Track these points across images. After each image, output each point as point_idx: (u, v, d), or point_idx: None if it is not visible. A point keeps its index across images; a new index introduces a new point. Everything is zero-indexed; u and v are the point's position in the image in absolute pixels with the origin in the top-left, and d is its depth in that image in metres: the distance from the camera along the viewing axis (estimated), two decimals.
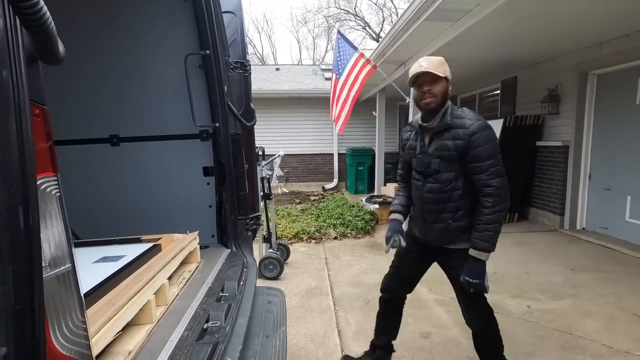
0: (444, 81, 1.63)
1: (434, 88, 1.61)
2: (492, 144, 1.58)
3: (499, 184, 1.57)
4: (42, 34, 0.40)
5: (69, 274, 0.50)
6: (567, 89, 4.97)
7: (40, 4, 0.39)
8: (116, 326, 0.99)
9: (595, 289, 3.14)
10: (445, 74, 1.63)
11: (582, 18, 3.55)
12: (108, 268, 1.26)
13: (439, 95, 1.62)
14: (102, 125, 2.11)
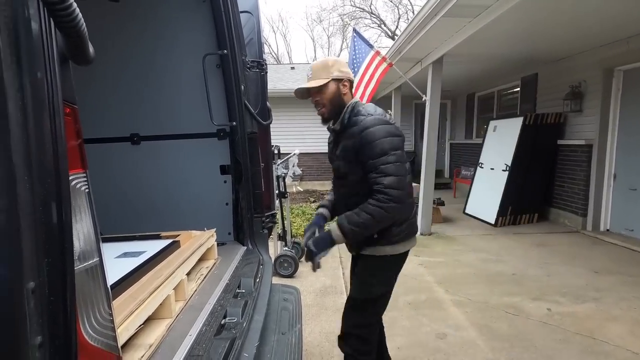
0: (332, 83, 1.51)
1: (321, 97, 1.53)
2: (386, 140, 1.41)
3: (390, 183, 1.38)
4: (75, 36, 0.42)
5: (97, 268, 0.51)
6: (591, 85, 4.81)
7: (74, 6, 0.40)
8: (138, 320, 1.01)
9: (620, 293, 3.03)
10: (330, 76, 1.51)
11: (609, 13, 3.42)
12: (129, 263, 1.29)
13: (327, 102, 1.53)
14: (123, 124, 2.17)
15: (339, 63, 1.55)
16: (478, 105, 8.33)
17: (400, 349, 2.30)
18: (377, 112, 1.50)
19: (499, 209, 5.25)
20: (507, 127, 5.59)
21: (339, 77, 1.52)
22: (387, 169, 1.39)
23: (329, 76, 1.51)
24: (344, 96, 1.55)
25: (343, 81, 1.53)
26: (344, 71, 1.54)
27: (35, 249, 0.38)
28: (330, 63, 1.53)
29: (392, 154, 1.40)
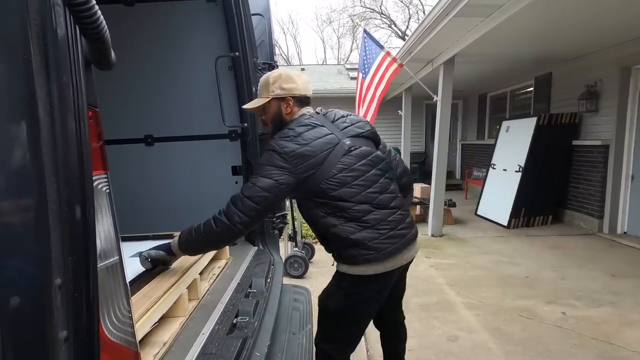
0: (273, 103, 1.42)
1: (265, 116, 1.47)
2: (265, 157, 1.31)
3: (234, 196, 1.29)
4: (99, 42, 0.44)
5: (117, 266, 0.53)
6: (607, 84, 4.70)
7: (98, 14, 0.42)
8: (153, 317, 1.03)
9: (638, 297, 2.96)
10: (270, 95, 1.41)
11: (624, 9, 3.35)
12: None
13: (269, 121, 1.45)
14: (137, 125, 2.21)
15: (283, 79, 1.42)
16: (490, 105, 8.22)
17: (411, 351, 2.28)
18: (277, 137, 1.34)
19: (511, 211, 5.17)
20: (520, 128, 5.51)
21: (280, 96, 1.40)
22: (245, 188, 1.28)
23: (269, 95, 1.41)
24: (287, 115, 1.42)
25: (286, 99, 1.41)
26: (288, 87, 1.41)
27: (61, 247, 0.40)
28: (271, 80, 1.42)
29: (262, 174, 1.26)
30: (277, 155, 1.27)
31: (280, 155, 1.26)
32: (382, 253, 1.31)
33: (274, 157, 1.27)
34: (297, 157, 1.27)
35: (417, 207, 5.78)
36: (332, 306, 1.44)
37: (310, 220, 1.40)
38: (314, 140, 1.30)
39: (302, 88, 1.44)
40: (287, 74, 1.45)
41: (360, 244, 1.30)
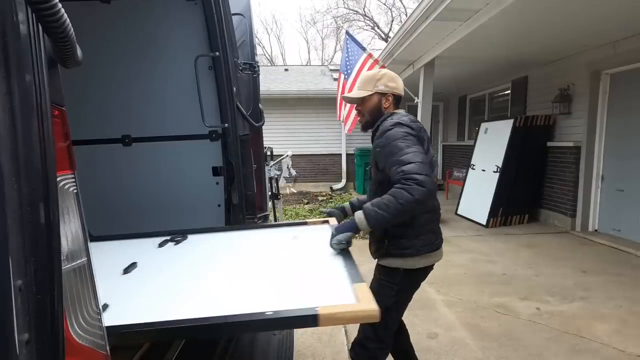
0: (375, 96, 1.58)
1: (363, 107, 1.62)
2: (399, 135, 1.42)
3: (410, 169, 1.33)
4: (62, 39, 0.43)
5: (85, 267, 0.52)
6: (579, 88, 4.90)
7: (61, 11, 0.41)
8: None
9: (607, 292, 3.09)
10: (375, 89, 1.57)
11: (595, 17, 3.50)
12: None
13: (367, 113, 1.61)
14: (114, 125, 2.16)
15: (387, 77, 1.59)
16: (470, 107, 8.43)
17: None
18: (395, 117, 1.50)
19: (490, 210, 5.31)
20: (498, 129, 5.67)
21: (383, 91, 1.57)
22: (405, 158, 1.34)
23: (373, 89, 1.57)
24: (385, 109, 1.59)
25: (387, 95, 1.57)
26: (391, 86, 1.58)
27: (22, 247, 0.39)
28: (377, 77, 1.58)
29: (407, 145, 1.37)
30: (406, 128, 1.43)
31: (407, 127, 1.44)
32: (436, 245, 1.54)
33: (404, 132, 1.42)
34: (418, 131, 1.47)
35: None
36: (383, 304, 1.46)
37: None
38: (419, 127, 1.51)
39: (401, 89, 1.61)
40: (392, 74, 1.61)
41: (430, 234, 1.50)
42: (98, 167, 2.15)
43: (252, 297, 0.97)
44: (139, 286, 1.11)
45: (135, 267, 1.27)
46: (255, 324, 0.86)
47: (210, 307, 0.91)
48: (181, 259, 1.39)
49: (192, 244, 1.62)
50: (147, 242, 1.63)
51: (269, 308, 0.86)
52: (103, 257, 1.39)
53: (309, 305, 0.86)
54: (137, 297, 0.98)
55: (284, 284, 1.06)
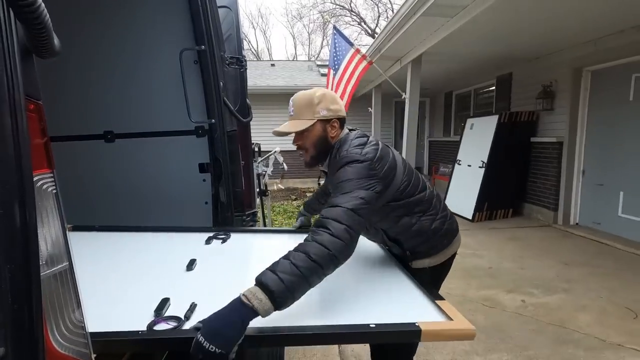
0: (318, 125, 1.27)
1: (303, 141, 1.31)
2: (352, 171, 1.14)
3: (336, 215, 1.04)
4: (38, 27, 0.39)
5: (67, 272, 0.49)
6: (561, 85, 5.00)
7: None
8: None
9: (588, 284, 3.18)
10: (316, 116, 1.26)
11: (577, 14, 3.57)
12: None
13: (311, 146, 1.30)
14: (96, 121, 2.09)
15: (327, 99, 1.28)
16: (456, 103, 8.52)
17: None
18: (351, 150, 1.19)
19: (476, 205, 5.40)
20: (483, 125, 5.75)
21: (326, 117, 1.27)
22: (339, 199, 1.07)
23: (314, 117, 1.26)
24: (332, 139, 1.30)
25: (332, 121, 1.28)
26: (333, 109, 1.28)
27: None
28: (316, 100, 1.26)
29: (356, 187, 1.10)
30: (362, 164, 1.14)
31: (365, 162, 1.14)
32: (454, 233, 1.44)
33: (360, 168, 1.13)
34: (379, 160, 1.18)
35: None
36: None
37: (385, 227, 1.35)
38: (380, 145, 1.24)
39: (344, 109, 1.34)
40: (331, 95, 1.32)
41: (438, 231, 1.35)
42: (79, 165, 2.07)
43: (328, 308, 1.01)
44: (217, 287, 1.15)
45: (195, 264, 1.29)
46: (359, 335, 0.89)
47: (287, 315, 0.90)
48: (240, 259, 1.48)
49: (238, 241, 1.67)
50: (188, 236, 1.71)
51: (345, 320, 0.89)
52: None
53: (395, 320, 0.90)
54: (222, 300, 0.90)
55: (350, 295, 1.10)
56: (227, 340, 0.77)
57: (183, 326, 0.85)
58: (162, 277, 1.21)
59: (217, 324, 0.80)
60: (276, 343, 0.94)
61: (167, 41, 1.98)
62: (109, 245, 1.58)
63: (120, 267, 1.31)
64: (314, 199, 1.85)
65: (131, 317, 0.90)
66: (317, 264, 0.91)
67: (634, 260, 3.71)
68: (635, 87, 4.20)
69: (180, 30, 1.97)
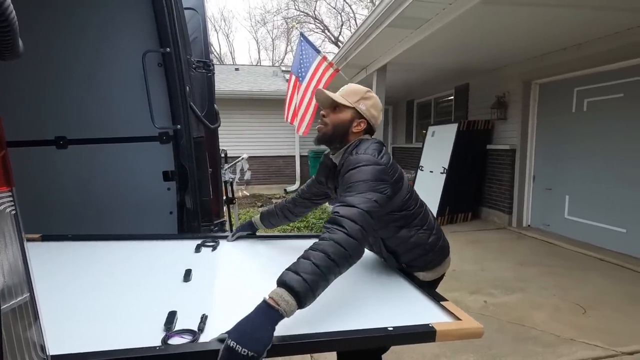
0: (350, 111, 1.32)
1: (330, 116, 1.35)
2: (366, 171, 1.16)
3: (348, 214, 1.05)
4: (4, 29, 0.34)
5: (28, 305, 0.42)
6: (513, 96, 5.36)
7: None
8: None
9: (541, 283, 3.40)
10: (355, 105, 1.32)
11: (526, 33, 3.85)
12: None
13: (332, 124, 1.34)
14: (46, 125, 1.92)
15: (373, 102, 1.36)
16: (417, 111, 8.84)
17: None
18: (368, 150, 1.23)
19: (438, 209, 5.60)
20: (444, 133, 6.00)
21: (361, 112, 1.33)
22: (353, 199, 1.08)
23: (353, 104, 1.32)
24: (352, 134, 1.34)
25: (362, 120, 1.33)
26: (372, 113, 1.35)
27: None
28: (363, 94, 1.34)
29: (370, 189, 1.11)
30: (378, 166, 1.17)
31: (380, 165, 1.18)
32: (447, 251, 1.47)
33: (376, 170, 1.16)
34: (392, 166, 1.23)
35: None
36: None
37: (384, 236, 1.35)
38: (392, 162, 1.28)
39: (378, 123, 1.41)
40: (379, 104, 1.40)
41: (434, 246, 1.38)
42: (27, 173, 1.89)
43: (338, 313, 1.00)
44: (222, 297, 1.16)
45: (192, 275, 1.25)
46: (379, 339, 0.90)
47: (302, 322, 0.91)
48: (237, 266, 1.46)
49: (227, 249, 1.65)
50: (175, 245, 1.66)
51: (359, 325, 0.90)
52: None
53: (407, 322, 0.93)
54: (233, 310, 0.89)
55: (357, 301, 1.10)
56: (260, 343, 0.77)
57: (199, 339, 0.83)
58: (159, 289, 1.15)
59: (247, 328, 0.80)
60: (301, 350, 0.91)
61: (130, 42, 1.87)
62: (89, 255, 1.45)
63: (110, 279, 1.22)
64: (276, 210, 1.71)
65: (139, 333, 0.85)
66: (335, 263, 0.94)
67: (580, 259, 4.03)
68: (577, 99, 4.60)
69: (143, 31, 1.87)
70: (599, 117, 4.31)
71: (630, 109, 3.94)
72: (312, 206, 1.72)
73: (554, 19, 3.42)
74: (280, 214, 1.71)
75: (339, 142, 1.35)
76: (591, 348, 2.34)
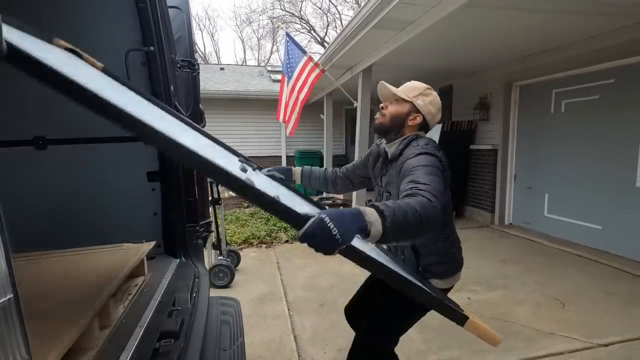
0: (407, 105, 1.42)
1: (389, 107, 1.45)
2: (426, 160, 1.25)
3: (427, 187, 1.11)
4: None
5: (11, 306, 0.42)
6: (495, 97, 5.49)
7: None
8: (52, 355, 0.86)
9: (522, 279, 3.49)
10: (413, 100, 1.41)
11: (506, 35, 3.95)
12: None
13: (389, 116, 1.44)
14: (24, 125, 1.86)
15: (432, 99, 1.44)
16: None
17: (341, 351, 2.34)
18: (421, 143, 1.35)
19: None
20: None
21: (417, 107, 1.41)
22: (423, 179, 1.12)
23: (412, 99, 1.41)
24: (407, 127, 1.42)
25: (417, 114, 1.41)
26: (429, 109, 1.42)
27: None
28: (423, 91, 1.43)
29: (431, 173, 1.17)
30: (439, 163, 1.26)
31: (441, 163, 1.27)
32: (461, 265, 1.54)
33: (437, 164, 1.24)
34: (446, 168, 1.31)
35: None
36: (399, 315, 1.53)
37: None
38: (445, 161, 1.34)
39: (434, 121, 1.47)
40: (438, 102, 1.47)
41: (454, 257, 1.48)
42: (2, 175, 1.82)
43: None
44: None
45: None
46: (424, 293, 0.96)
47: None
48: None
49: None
50: None
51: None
52: None
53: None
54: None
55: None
56: (348, 232, 0.77)
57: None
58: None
59: (341, 216, 0.79)
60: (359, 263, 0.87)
61: (112, 40, 1.83)
62: None
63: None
64: (320, 174, 1.83)
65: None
66: (421, 218, 0.92)
67: (559, 255, 4.16)
68: (555, 101, 4.75)
69: (126, 29, 1.83)
70: (576, 118, 4.46)
71: (605, 110, 4.10)
72: (351, 188, 1.80)
73: (534, 22, 3.52)
74: (322, 179, 1.80)
75: (395, 133, 1.44)
76: (569, 341, 2.42)
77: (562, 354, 2.28)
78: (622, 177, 3.93)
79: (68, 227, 1.86)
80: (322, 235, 0.75)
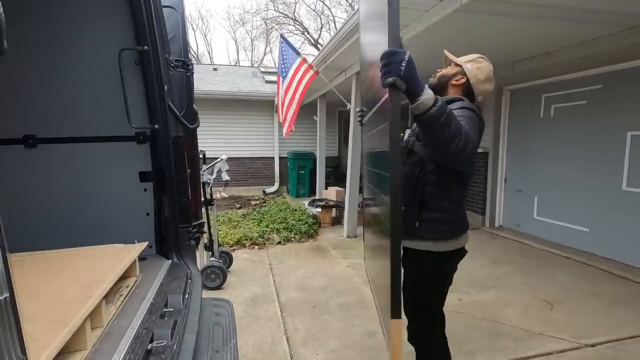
0: (456, 68, 1.58)
1: (442, 69, 1.65)
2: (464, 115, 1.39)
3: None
4: None
5: (7, 305, 0.41)
6: (486, 100, 5.51)
7: None
8: (44, 356, 0.85)
9: (513, 280, 3.54)
10: (462, 65, 1.56)
11: (497, 41, 4.02)
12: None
13: (439, 76, 1.63)
14: (13, 123, 1.83)
15: (481, 67, 1.56)
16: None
17: (334, 352, 2.34)
18: (466, 102, 1.48)
19: None
20: None
21: (464, 70, 1.55)
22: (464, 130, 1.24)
23: (462, 63, 1.56)
24: (451, 87, 1.59)
25: (462, 77, 1.56)
26: (475, 74, 1.55)
27: None
28: (476, 59, 1.58)
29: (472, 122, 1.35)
30: (477, 116, 1.42)
31: (478, 117, 1.43)
32: (464, 227, 1.63)
33: (474, 117, 1.39)
34: (482, 122, 1.48)
35: (332, 210, 6.00)
36: (423, 294, 1.69)
37: (430, 178, 1.49)
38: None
39: (480, 89, 1.57)
40: (488, 72, 1.57)
41: (454, 222, 1.55)
42: None
43: None
44: None
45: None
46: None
47: None
48: None
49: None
50: None
51: None
52: None
53: None
54: None
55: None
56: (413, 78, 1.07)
57: None
58: None
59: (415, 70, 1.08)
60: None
61: (106, 39, 1.82)
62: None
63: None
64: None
65: None
66: (457, 134, 1.17)
67: (548, 257, 4.23)
68: (544, 105, 4.83)
69: (119, 28, 1.82)
70: (564, 122, 4.55)
71: (592, 114, 4.19)
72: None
73: (524, 28, 3.58)
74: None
75: (440, 91, 1.57)
76: (558, 341, 2.46)
77: (551, 354, 2.32)
78: (609, 180, 4.01)
79: (59, 227, 1.84)
80: (397, 58, 1.02)
